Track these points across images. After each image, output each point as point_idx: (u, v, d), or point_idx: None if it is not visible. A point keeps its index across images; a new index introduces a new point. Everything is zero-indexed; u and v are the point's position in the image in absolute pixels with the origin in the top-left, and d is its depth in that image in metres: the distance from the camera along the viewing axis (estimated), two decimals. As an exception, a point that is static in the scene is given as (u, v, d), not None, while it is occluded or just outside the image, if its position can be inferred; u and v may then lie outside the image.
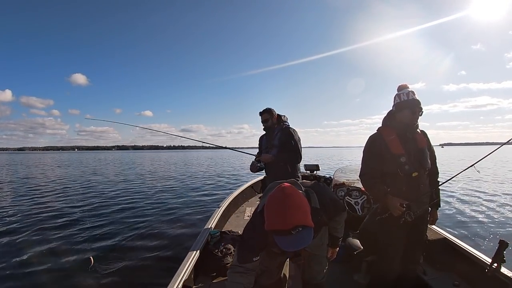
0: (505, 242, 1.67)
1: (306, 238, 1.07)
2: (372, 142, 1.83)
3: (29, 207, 7.10)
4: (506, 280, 1.71)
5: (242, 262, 1.30)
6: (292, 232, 1.04)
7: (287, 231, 1.04)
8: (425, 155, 1.78)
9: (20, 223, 5.49)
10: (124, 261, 3.62)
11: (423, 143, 1.78)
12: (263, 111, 2.80)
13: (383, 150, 1.78)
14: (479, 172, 2.09)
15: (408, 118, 1.73)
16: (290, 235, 1.05)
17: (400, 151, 1.75)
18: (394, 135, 1.77)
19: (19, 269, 3.45)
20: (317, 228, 1.27)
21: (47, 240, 4.51)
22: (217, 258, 2.34)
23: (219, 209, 3.54)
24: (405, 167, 1.74)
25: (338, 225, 1.63)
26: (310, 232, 1.09)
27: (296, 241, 1.06)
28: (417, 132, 1.80)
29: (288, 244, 1.07)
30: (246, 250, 1.31)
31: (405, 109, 1.73)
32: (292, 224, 1.04)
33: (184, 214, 6.17)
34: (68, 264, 3.57)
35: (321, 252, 1.60)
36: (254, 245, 1.30)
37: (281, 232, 1.06)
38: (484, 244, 4.11)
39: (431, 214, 1.92)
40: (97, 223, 5.51)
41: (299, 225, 1.05)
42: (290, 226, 1.04)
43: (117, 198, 8.27)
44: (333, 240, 1.69)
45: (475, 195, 8.18)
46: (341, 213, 1.56)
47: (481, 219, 5.64)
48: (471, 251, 2.10)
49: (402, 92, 1.75)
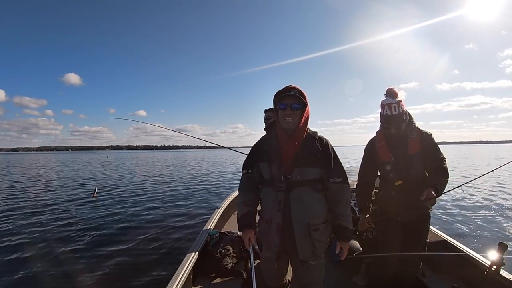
0: (504, 244, 1.67)
1: (299, 99, 1.34)
2: (368, 146, 1.89)
3: (30, 206, 7.08)
4: (505, 283, 1.71)
5: (242, 169, 1.54)
6: (291, 91, 1.34)
7: (287, 89, 1.35)
8: (413, 162, 1.71)
9: (22, 222, 5.48)
10: (122, 262, 3.62)
11: (414, 149, 1.72)
12: (270, 109, 2.76)
13: (374, 156, 1.84)
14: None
15: (385, 132, 1.77)
16: (288, 91, 1.34)
17: (386, 159, 1.78)
18: (383, 142, 1.80)
19: (19, 269, 3.44)
20: (309, 154, 1.37)
21: (46, 240, 4.50)
22: (216, 259, 2.33)
23: (218, 210, 3.53)
24: (389, 175, 1.78)
25: (342, 206, 1.42)
26: (303, 103, 1.36)
27: (290, 98, 1.35)
28: (410, 137, 1.73)
29: (284, 97, 1.35)
30: (246, 159, 1.55)
31: (381, 122, 1.78)
32: (292, 87, 1.35)
33: (183, 215, 6.16)
34: (67, 264, 3.56)
35: (313, 260, 1.43)
36: (252, 152, 1.54)
37: (283, 91, 1.36)
38: (483, 246, 4.11)
39: (424, 193, 1.66)
40: (96, 223, 5.49)
41: (298, 89, 1.35)
42: (290, 87, 1.35)
43: (116, 199, 8.26)
44: (341, 231, 1.43)
45: (475, 197, 8.18)
46: (342, 180, 1.40)
47: (481, 221, 5.64)
48: (471, 253, 2.09)
49: (383, 103, 1.73)
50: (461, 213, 6.25)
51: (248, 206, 1.49)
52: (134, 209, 6.75)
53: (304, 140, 1.39)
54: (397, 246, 1.82)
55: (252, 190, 1.53)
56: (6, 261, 3.69)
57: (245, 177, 1.52)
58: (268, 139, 1.50)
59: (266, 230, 1.45)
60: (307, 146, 1.38)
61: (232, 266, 2.32)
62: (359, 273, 2.29)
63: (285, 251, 1.47)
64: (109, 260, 3.69)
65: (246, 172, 1.52)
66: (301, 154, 1.36)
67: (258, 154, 1.48)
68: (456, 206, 6.97)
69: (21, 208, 6.93)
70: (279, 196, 1.38)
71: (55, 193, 9.30)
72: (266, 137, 1.55)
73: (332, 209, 1.45)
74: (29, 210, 6.67)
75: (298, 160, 1.36)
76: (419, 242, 1.83)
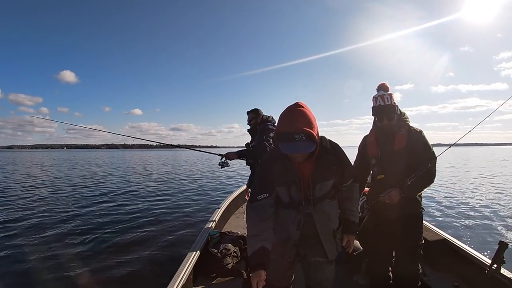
0: (504, 243, 1.67)
1: (306, 146, 1.15)
2: (361, 142, 1.96)
3: (29, 205, 7.10)
4: (505, 281, 1.71)
5: (255, 195, 1.33)
6: (296, 137, 1.13)
7: (291, 134, 1.14)
8: (396, 158, 1.72)
9: (22, 220, 5.49)
10: (123, 262, 3.62)
11: (400, 145, 1.72)
12: (250, 111, 2.79)
13: (364, 151, 1.90)
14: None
15: (378, 123, 1.78)
16: (293, 141, 1.14)
17: (373, 153, 1.83)
18: (373, 137, 1.85)
19: (18, 269, 3.44)
20: (325, 169, 1.31)
21: (44, 239, 4.50)
22: (216, 259, 2.33)
23: (218, 210, 3.53)
24: (374, 169, 1.85)
25: (351, 203, 1.47)
26: (312, 145, 1.16)
27: (297, 147, 1.15)
28: (398, 133, 1.74)
29: (288, 148, 1.16)
30: (257, 182, 1.37)
31: (374, 115, 1.80)
32: (296, 128, 1.13)
33: (183, 215, 6.16)
34: (67, 264, 3.55)
35: (324, 257, 1.43)
36: (265, 175, 1.34)
37: (286, 136, 1.15)
38: (483, 245, 4.11)
39: (386, 191, 1.74)
40: (95, 224, 5.49)
41: (303, 131, 1.13)
42: (294, 129, 1.13)
43: (115, 199, 8.24)
44: (348, 225, 1.48)
45: (474, 197, 8.19)
46: (353, 180, 1.42)
47: (481, 220, 5.64)
48: (471, 252, 2.09)
49: (375, 95, 1.76)
50: (462, 212, 6.26)
51: (261, 241, 1.28)
52: (134, 210, 6.74)
53: (318, 154, 1.29)
54: (384, 243, 1.86)
55: (267, 219, 1.32)
56: (6, 260, 3.70)
57: (263, 203, 1.31)
58: (279, 158, 1.32)
59: (281, 244, 1.42)
60: (322, 160, 1.31)
61: (233, 266, 2.33)
62: (360, 272, 2.30)
63: (298, 255, 1.47)
64: (109, 260, 3.69)
65: (262, 197, 1.31)
66: (317, 170, 1.31)
67: (272, 176, 1.33)
68: (456, 205, 6.98)
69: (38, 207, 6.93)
70: (299, 216, 1.35)
71: (51, 191, 9.30)
72: (274, 154, 1.36)
73: (341, 205, 1.47)
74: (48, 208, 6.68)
75: (316, 177, 1.31)
76: (406, 243, 1.78)
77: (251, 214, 1.35)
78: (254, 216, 1.33)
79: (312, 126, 1.17)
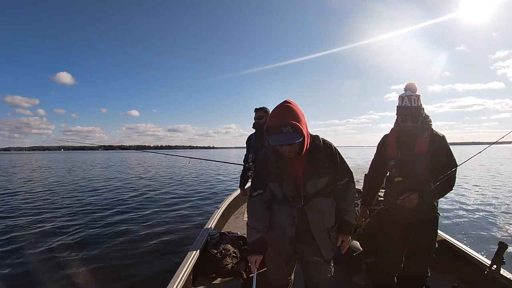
0: (504, 244, 1.66)
1: (293, 137, 1.20)
2: (380, 141, 1.90)
3: (29, 205, 7.08)
4: (505, 282, 1.71)
5: (251, 191, 1.45)
6: (283, 129, 1.19)
7: (278, 127, 1.20)
8: (417, 161, 1.68)
9: (21, 219, 5.47)
10: (122, 262, 3.61)
11: (421, 149, 1.68)
12: (259, 108, 2.77)
13: (383, 150, 1.84)
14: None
15: (401, 124, 1.74)
16: (280, 133, 1.20)
17: (392, 154, 1.78)
18: (394, 137, 1.80)
19: (18, 269, 3.44)
20: (318, 167, 1.34)
21: (43, 239, 4.49)
22: (216, 259, 2.33)
23: (218, 210, 3.53)
24: (392, 170, 1.79)
25: (346, 202, 1.46)
26: (298, 136, 1.21)
27: (283, 138, 1.21)
28: (420, 136, 1.70)
29: (276, 139, 1.22)
30: (254, 180, 1.48)
31: (398, 115, 1.75)
32: (283, 121, 1.19)
33: (183, 215, 6.16)
34: (68, 265, 3.55)
35: (321, 256, 1.44)
36: (260, 172, 1.44)
37: (273, 129, 1.21)
38: (483, 245, 4.11)
39: (405, 194, 1.67)
40: (95, 224, 5.49)
41: (289, 123, 1.18)
42: (281, 122, 1.19)
43: (114, 199, 8.24)
44: (343, 225, 1.47)
45: (474, 197, 8.19)
46: (348, 178, 1.43)
47: (480, 221, 5.64)
48: (471, 252, 2.09)
49: (402, 95, 1.71)
50: (461, 213, 6.26)
51: (260, 232, 1.40)
52: (133, 210, 6.74)
53: (310, 151, 1.33)
54: (395, 247, 1.80)
55: (264, 213, 1.44)
56: (6, 260, 3.69)
57: (257, 199, 1.43)
58: (272, 156, 1.39)
59: (277, 241, 1.44)
60: (314, 157, 1.34)
61: (232, 266, 2.32)
62: (360, 273, 2.29)
63: (295, 253, 1.48)
64: (109, 260, 3.69)
65: (258, 193, 1.42)
66: (309, 167, 1.34)
67: (266, 174, 1.40)
68: (456, 205, 6.98)
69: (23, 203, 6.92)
70: (293, 212, 1.38)
71: (55, 193, 9.29)
72: (269, 153, 1.44)
73: (337, 204, 1.47)
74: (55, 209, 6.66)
75: (308, 174, 1.34)
76: (420, 247, 1.75)
77: (250, 208, 1.47)
78: (253, 211, 1.45)
79: (299, 120, 1.22)
